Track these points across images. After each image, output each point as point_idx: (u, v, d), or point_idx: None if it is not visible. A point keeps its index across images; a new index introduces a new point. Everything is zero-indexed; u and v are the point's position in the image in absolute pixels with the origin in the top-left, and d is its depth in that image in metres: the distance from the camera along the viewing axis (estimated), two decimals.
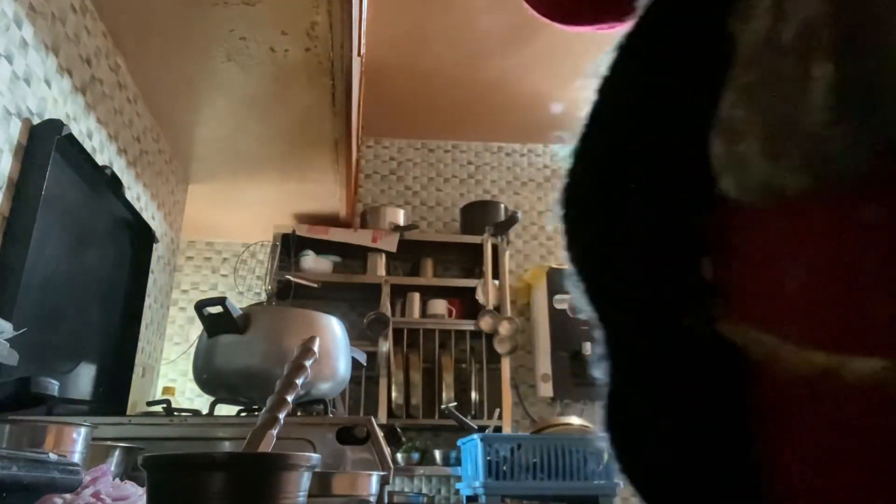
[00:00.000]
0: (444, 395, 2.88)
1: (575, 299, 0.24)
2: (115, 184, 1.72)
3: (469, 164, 3.62)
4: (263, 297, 2.99)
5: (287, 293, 2.66)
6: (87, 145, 1.59)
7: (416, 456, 2.82)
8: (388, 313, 2.79)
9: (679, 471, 0.22)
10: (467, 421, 2.41)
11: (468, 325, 2.95)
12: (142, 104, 1.96)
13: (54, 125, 1.35)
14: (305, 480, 0.53)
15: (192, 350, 1.35)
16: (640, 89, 0.24)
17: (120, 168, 1.81)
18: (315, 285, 2.63)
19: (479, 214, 3.18)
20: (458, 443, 2.33)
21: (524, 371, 3.19)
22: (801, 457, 0.20)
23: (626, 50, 0.24)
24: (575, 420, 2.20)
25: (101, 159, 1.68)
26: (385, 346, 2.81)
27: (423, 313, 3.05)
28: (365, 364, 1.70)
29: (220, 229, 3.22)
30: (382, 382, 2.82)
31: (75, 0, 1.48)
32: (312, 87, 1.88)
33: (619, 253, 0.24)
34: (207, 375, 1.28)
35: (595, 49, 0.25)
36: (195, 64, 1.77)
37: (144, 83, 1.89)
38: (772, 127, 0.19)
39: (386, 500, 1.04)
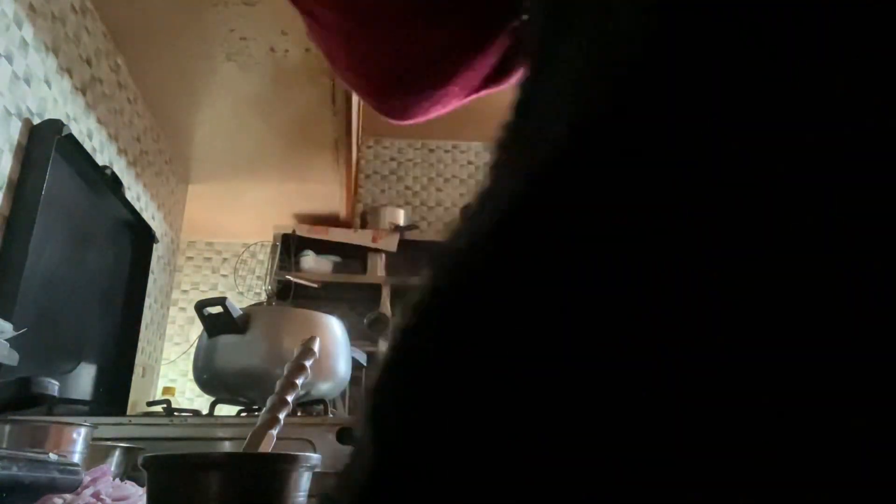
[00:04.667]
0: None
1: None
2: (115, 184, 1.72)
3: (469, 164, 3.62)
4: (263, 297, 2.99)
5: (287, 293, 2.66)
6: (87, 145, 1.59)
7: None
8: (388, 313, 2.79)
9: None
10: None
11: None
12: (142, 104, 1.96)
13: (54, 125, 1.35)
14: (305, 480, 0.52)
15: (192, 350, 1.35)
16: None
17: (120, 168, 1.81)
18: (315, 285, 2.63)
19: None
20: None
21: None
22: None
23: None
24: None
25: (101, 159, 1.68)
26: (385, 346, 2.81)
27: None
28: (365, 364, 1.70)
29: (220, 229, 3.22)
30: None
31: (75, 0, 1.48)
32: (312, 87, 1.88)
33: None
34: (207, 375, 1.28)
35: None
36: (195, 64, 1.77)
37: (144, 83, 1.89)
38: None
39: None
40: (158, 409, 1.31)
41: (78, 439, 0.76)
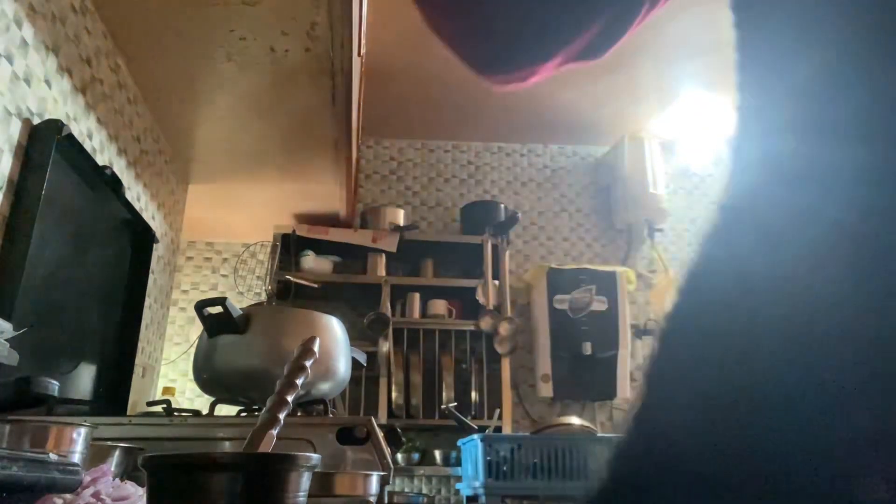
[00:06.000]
0: (444, 395, 2.88)
1: None
2: (115, 184, 1.72)
3: (469, 164, 3.62)
4: (263, 297, 2.99)
5: (287, 293, 2.66)
6: (87, 145, 1.59)
7: (416, 456, 2.82)
8: (388, 313, 2.79)
9: None
10: (467, 421, 2.41)
11: (468, 326, 2.95)
12: (142, 104, 1.96)
13: (54, 125, 1.35)
14: (305, 480, 0.52)
15: (192, 350, 1.35)
16: None
17: (120, 168, 1.81)
18: (315, 285, 2.63)
19: (479, 214, 3.17)
20: (459, 443, 2.33)
21: (524, 371, 3.19)
22: None
23: None
24: (575, 420, 2.20)
25: (101, 159, 1.68)
26: (385, 346, 2.81)
27: (424, 313, 3.05)
28: (365, 364, 1.70)
29: (220, 229, 3.22)
30: (382, 382, 2.82)
31: (75, 0, 1.48)
32: (312, 87, 1.88)
33: None
34: (207, 375, 1.28)
35: None
36: (195, 64, 1.77)
37: (144, 83, 1.89)
38: None
39: (386, 500, 1.04)
40: (158, 409, 1.31)
41: (78, 439, 0.76)
